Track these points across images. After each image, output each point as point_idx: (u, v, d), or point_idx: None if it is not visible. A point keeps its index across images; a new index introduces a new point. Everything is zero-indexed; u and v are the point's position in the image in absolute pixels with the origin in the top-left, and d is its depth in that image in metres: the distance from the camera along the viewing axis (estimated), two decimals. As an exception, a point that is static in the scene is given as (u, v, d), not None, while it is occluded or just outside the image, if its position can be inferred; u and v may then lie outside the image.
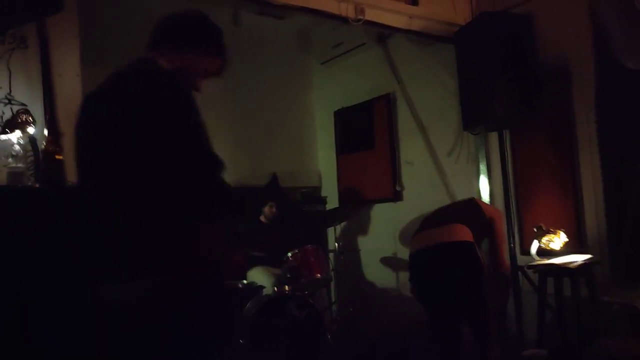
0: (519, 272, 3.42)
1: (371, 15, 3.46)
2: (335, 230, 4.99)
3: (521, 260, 3.51)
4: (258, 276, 4.32)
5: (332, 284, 4.88)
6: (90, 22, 2.93)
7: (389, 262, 4.79)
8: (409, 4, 3.67)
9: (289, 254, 4.12)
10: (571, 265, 2.86)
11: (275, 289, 3.99)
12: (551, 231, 3.07)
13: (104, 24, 4.07)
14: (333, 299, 4.96)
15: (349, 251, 5.02)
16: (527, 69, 3.54)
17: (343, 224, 5.27)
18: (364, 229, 5.23)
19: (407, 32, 3.73)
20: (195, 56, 1.76)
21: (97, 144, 1.59)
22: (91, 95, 1.70)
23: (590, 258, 3.02)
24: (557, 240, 3.06)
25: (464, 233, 2.80)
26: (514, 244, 3.56)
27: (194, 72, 1.77)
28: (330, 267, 4.63)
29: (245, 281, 4.16)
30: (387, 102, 4.93)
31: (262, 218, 4.79)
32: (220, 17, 4.43)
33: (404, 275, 4.26)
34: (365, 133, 5.13)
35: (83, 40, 2.70)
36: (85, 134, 1.67)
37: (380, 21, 3.55)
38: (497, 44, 3.49)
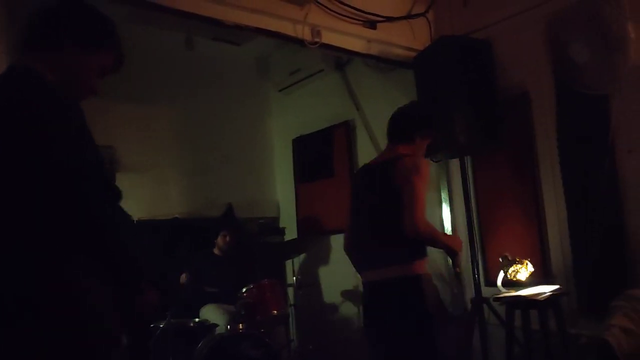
0: (485, 305, 3.28)
1: (328, 38, 3.35)
2: (293, 262, 4.77)
3: (486, 292, 3.37)
4: (211, 314, 4.08)
5: (291, 320, 4.64)
6: None
7: (351, 295, 4.59)
8: (367, 28, 3.57)
9: (244, 290, 3.89)
10: (540, 297, 2.73)
11: (229, 327, 3.75)
12: (517, 261, 2.95)
13: None
14: (291, 337, 4.70)
15: (309, 285, 4.79)
16: (487, 95, 3.48)
17: (302, 256, 5.06)
18: (324, 261, 5.03)
19: (365, 56, 3.63)
20: (85, 55, 1.47)
21: None
22: None
23: (558, 289, 2.90)
24: (524, 270, 2.93)
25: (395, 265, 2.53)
26: (478, 275, 3.42)
27: (85, 73, 1.49)
28: (289, 303, 4.42)
29: (197, 319, 3.92)
30: (346, 129, 4.81)
31: (215, 250, 4.56)
32: (172, 41, 4.38)
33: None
34: (325, 161, 4.99)
35: None
36: None
37: (338, 44, 3.44)
38: (456, 69, 3.43)
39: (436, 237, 2.57)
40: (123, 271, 1.36)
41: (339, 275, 4.77)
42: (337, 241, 4.90)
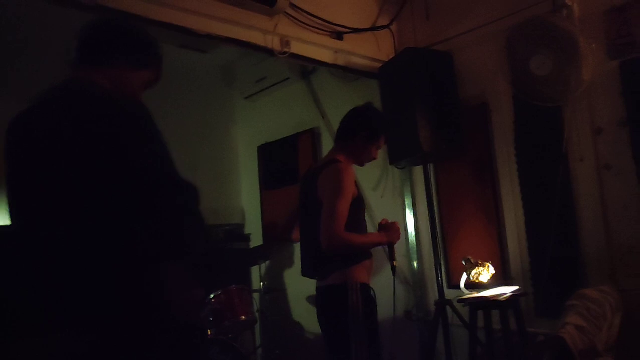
0: (448, 307, 3.40)
1: (297, 48, 3.42)
2: (260, 269, 4.80)
3: (448, 294, 3.50)
4: (178, 320, 4.05)
5: (258, 326, 4.66)
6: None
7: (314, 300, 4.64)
8: (335, 39, 3.66)
9: (212, 296, 3.90)
10: (501, 298, 2.86)
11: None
12: (480, 264, 3.08)
13: None
14: (258, 342, 4.73)
15: (275, 291, 4.84)
16: (449, 104, 3.62)
17: (268, 262, 5.10)
18: (289, 267, 5.08)
19: (333, 66, 3.72)
20: (132, 71, 1.60)
21: (38, 179, 1.37)
22: (20, 122, 1.46)
23: (518, 290, 3.05)
24: (486, 272, 3.07)
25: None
26: (441, 278, 3.55)
27: (132, 87, 1.61)
28: (256, 308, 4.45)
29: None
30: (311, 137, 4.89)
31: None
32: None
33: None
34: (290, 168, 5.05)
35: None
36: (19, 166, 1.43)
37: (306, 55, 3.51)
38: (419, 80, 3.55)
39: (357, 245, 2.57)
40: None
41: (304, 280, 4.80)
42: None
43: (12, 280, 1.35)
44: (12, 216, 1.43)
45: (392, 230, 2.73)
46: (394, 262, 2.78)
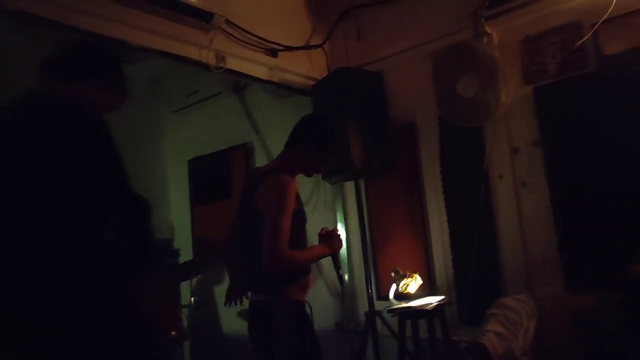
0: (377, 318, 3.51)
1: (232, 64, 3.46)
2: (191, 283, 4.73)
3: (378, 305, 3.61)
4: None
5: (187, 342, 4.59)
6: None
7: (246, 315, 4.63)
8: (269, 56, 3.73)
9: (141, 312, 3.80)
10: (428, 307, 3.01)
11: (125, 351, 3.64)
12: (408, 275, 3.21)
13: None
14: (187, 359, 4.65)
15: (206, 305, 4.78)
16: (379, 123, 3.77)
17: (199, 276, 5.03)
18: (219, 282, 5.04)
19: (267, 82, 3.78)
20: (96, 89, 1.64)
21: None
22: None
23: (443, 299, 3.21)
24: (413, 283, 3.21)
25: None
26: (371, 289, 3.66)
27: (95, 104, 1.63)
28: (185, 324, 4.38)
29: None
30: (245, 151, 4.91)
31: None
32: None
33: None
34: (222, 183, 5.03)
35: None
36: None
37: (241, 70, 3.56)
38: (351, 98, 3.68)
39: (303, 262, 2.50)
40: None
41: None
42: (234, 261, 4.95)
43: None
44: None
45: (333, 238, 2.61)
46: (339, 271, 2.66)
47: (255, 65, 3.65)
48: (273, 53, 3.76)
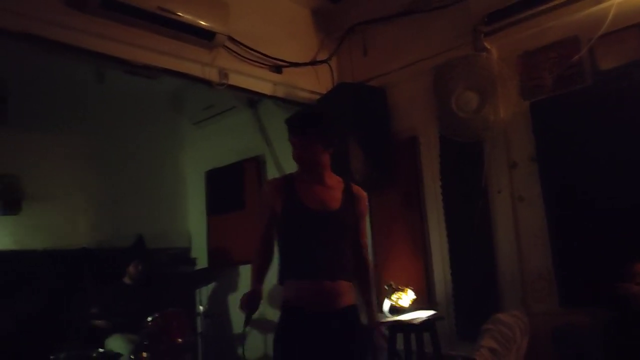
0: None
1: (235, 80, 3.57)
2: (201, 292, 4.86)
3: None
4: (115, 343, 4.08)
5: (199, 350, 4.70)
6: None
7: (257, 324, 4.71)
8: (274, 72, 3.83)
9: (149, 319, 3.94)
10: (415, 321, 3.02)
11: (132, 356, 3.78)
12: (399, 288, 3.23)
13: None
14: (199, 365, 4.77)
15: (218, 314, 4.89)
16: (381, 137, 3.82)
17: (212, 285, 5.16)
18: (233, 291, 5.15)
19: (272, 97, 3.88)
20: None
21: None
22: None
23: (434, 314, 3.21)
24: (405, 297, 3.22)
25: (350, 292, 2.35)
26: (372, 303, 3.68)
27: None
28: (198, 331, 4.49)
29: (101, 350, 3.91)
30: (257, 164, 5.02)
31: (126, 279, 4.57)
32: (84, 72, 4.45)
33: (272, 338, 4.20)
34: (236, 194, 5.15)
35: None
36: None
37: (245, 86, 3.67)
38: (353, 113, 3.74)
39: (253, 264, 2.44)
40: None
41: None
42: (246, 271, 5.05)
43: None
44: None
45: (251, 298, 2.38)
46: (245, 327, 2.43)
47: (259, 81, 3.76)
48: (277, 69, 3.86)
